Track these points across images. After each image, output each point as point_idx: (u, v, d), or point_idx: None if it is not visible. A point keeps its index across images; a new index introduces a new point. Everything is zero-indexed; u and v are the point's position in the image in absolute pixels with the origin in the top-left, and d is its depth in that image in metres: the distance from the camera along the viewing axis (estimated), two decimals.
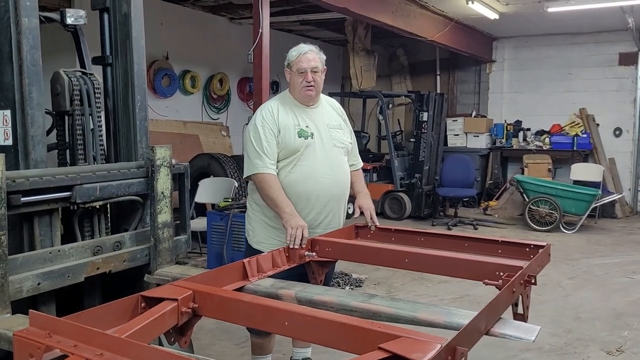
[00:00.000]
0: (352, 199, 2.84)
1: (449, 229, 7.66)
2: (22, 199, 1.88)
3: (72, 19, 2.52)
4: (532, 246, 2.41)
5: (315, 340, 1.63)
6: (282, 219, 2.47)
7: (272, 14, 5.19)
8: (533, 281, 2.01)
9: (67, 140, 2.28)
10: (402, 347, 1.35)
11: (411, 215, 8.38)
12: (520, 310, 2.01)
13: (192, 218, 5.62)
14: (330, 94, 8.89)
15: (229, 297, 1.73)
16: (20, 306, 1.99)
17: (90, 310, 1.64)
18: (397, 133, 9.63)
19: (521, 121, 9.60)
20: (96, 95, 2.27)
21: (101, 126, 2.28)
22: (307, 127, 2.59)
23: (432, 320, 1.76)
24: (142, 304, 1.73)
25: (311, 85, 2.59)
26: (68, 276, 2.01)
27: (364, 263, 2.51)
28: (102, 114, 2.49)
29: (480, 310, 1.60)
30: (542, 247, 2.34)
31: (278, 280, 2.14)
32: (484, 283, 2.02)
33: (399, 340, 1.39)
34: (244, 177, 2.61)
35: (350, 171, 2.83)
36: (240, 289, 2.08)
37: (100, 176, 2.13)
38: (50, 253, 1.99)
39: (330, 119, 2.71)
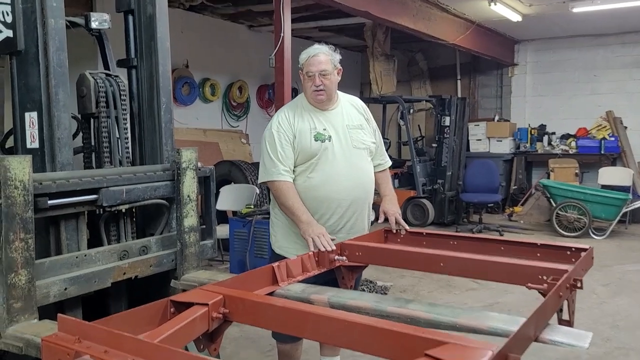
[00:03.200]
0: (376, 205, 2.72)
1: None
2: (49, 201, 1.83)
3: (97, 23, 2.50)
4: (573, 249, 2.30)
5: (354, 347, 1.55)
6: (299, 228, 2.41)
7: (291, 21, 5.15)
8: (579, 285, 1.91)
9: (92, 143, 2.24)
10: (451, 354, 1.26)
11: (434, 221, 8.24)
12: (565, 316, 1.91)
13: None
14: None
15: (261, 302, 1.66)
16: (47, 312, 1.95)
17: (119, 315, 1.58)
18: (418, 138, 9.52)
19: (545, 125, 9.42)
20: (122, 97, 2.23)
21: (127, 129, 2.24)
22: (324, 130, 2.51)
23: (475, 326, 1.67)
24: (172, 309, 1.67)
25: (321, 90, 2.49)
26: (95, 281, 1.96)
27: (396, 267, 2.41)
28: (128, 117, 2.45)
29: (530, 316, 1.51)
30: (585, 250, 2.23)
31: (309, 285, 2.07)
32: (527, 287, 1.93)
33: (446, 347, 1.30)
34: (258, 182, 2.58)
35: (376, 172, 2.74)
36: (270, 294, 2.01)
37: (126, 179, 2.08)
38: (76, 258, 1.95)
39: (350, 120, 2.61)
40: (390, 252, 2.37)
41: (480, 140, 9.43)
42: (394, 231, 2.62)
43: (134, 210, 2.28)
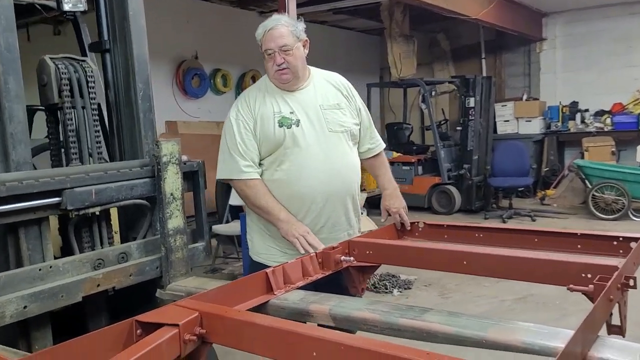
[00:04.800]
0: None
1: (504, 221, 7.12)
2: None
3: (70, 5, 2.23)
4: (620, 239, 1.95)
5: None
6: (279, 230, 2.09)
7: (302, 4, 4.82)
8: (632, 284, 1.57)
9: (60, 138, 1.97)
10: None
11: (461, 208, 7.87)
12: (615, 321, 1.58)
13: (228, 221, 5.33)
14: (369, 85, 8.58)
15: (242, 320, 1.37)
16: (7, 333, 1.71)
17: (76, 341, 1.31)
18: (442, 122, 9.11)
19: (578, 102, 8.90)
20: (90, 84, 1.96)
21: (97, 120, 1.97)
22: (291, 113, 2.10)
23: (507, 342, 1.35)
24: (138, 331, 1.40)
25: (284, 68, 2.09)
26: (62, 296, 1.70)
27: (413, 267, 2.09)
28: (104, 107, 2.19)
29: (576, 330, 1.19)
30: (636, 239, 1.88)
31: (309, 293, 1.77)
32: (568, 289, 1.59)
33: None
34: (217, 178, 2.18)
35: (368, 159, 2.37)
36: (263, 305, 1.72)
37: (95, 178, 1.82)
38: (40, 270, 1.69)
39: (324, 99, 2.19)
40: (405, 249, 2.06)
41: (508, 121, 8.97)
42: (399, 228, 2.31)
43: (111, 213, 2.01)
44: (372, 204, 8.11)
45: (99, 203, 1.83)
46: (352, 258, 2.02)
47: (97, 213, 1.92)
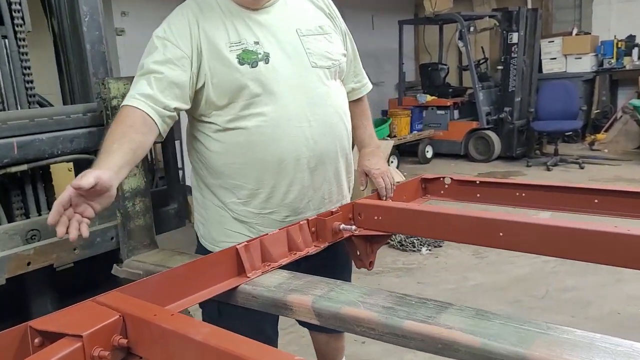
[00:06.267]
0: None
1: (548, 169, 6.53)
2: None
3: None
4: None
5: None
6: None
7: None
8: None
9: None
10: None
11: (500, 155, 7.29)
12: None
13: None
14: (401, 22, 7.88)
15: (168, 329, 0.96)
16: None
17: None
18: (481, 62, 8.36)
19: (635, 36, 8.00)
20: (13, 6, 1.52)
21: (26, 54, 1.54)
22: (256, 43, 1.47)
23: None
24: (36, 340, 1.01)
25: None
26: None
27: (432, 238, 1.64)
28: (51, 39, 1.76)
29: None
30: None
31: (293, 276, 1.35)
32: None
33: None
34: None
35: (350, 102, 1.75)
36: (231, 293, 1.32)
37: (16, 127, 1.41)
38: None
39: (302, 21, 1.58)
40: (423, 216, 1.59)
41: (555, 59, 8.16)
42: (384, 198, 1.78)
43: (50, 172, 1.62)
44: (405, 152, 7.61)
45: (25, 159, 1.43)
46: (353, 227, 1.57)
47: (30, 172, 1.52)
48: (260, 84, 1.46)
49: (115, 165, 1.23)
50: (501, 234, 1.43)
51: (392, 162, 6.80)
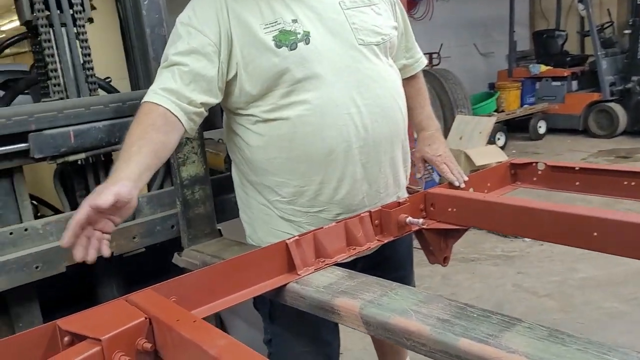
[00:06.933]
0: None
1: None
2: None
3: None
4: None
5: None
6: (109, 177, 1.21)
7: None
8: None
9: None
10: None
11: (626, 130, 6.55)
12: None
13: None
14: None
15: (188, 339, 0.88)
16: None
17: None
18: (606, 25, 7.51)
19: None
20: None
21: (86, 41, 1.53)
22: (293, 21, 1.31)
23: None
24: (65, 338, 0.98)
25: None
26: (37, 267, 1.36)
27: (515, 235, 1.43)
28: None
29: None
30: None
31: (347, 275, 1.23)
32: None
33: None
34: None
35: (403, 80, 1.54)
36: (280, 291, 1.22)
37: (72, 116, 1.41)
38: (11, 234, 1.36)
39: None
40: (505, 209, 1.39)
41: None
42: (458, 185, 1.57)
43: (113, 160, 1.62)
44: (514, 128, 7.09)
45: (83, 148, 1.43)
46: (421, 220, 1.41)
47: (92, 161, 1.53)
48: (301, 68, 1.30)
49: (133, 174, 1.14)
50: (595, 234, 1.20)
51: (498, 139, 6.36)
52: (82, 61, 1.52)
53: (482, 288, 3.11)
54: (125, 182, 1.11)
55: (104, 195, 1.07)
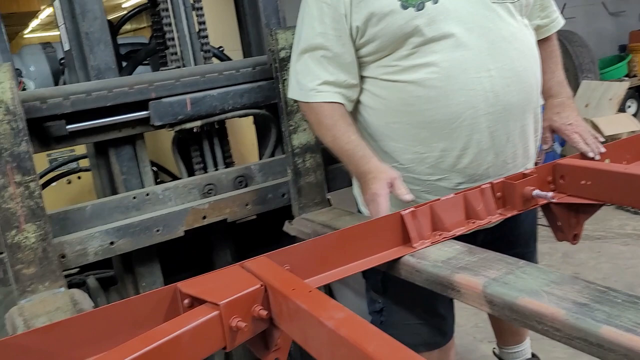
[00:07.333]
0: None
1: None
2: (68, 127, 1.31)
3: None
4: None
5: None
6: (359, 181, 1.32)
7: None
8: None
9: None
10: None
11: None
12: None
13: None
14: None
15: (305, 310, 0.85)
16: (115, 267, 1.52)
17: (110, 307, 0.98)
18: None
19: None
20: None
21: (200, 9, 1.54)
22: None
23: None
24: (185, 301, 1.00)
25: None
26: (157, 230, 1.41)
27: None
28: None
29: None
30: None
31: (467, 250, 1.15)
32: None
33: None
34: (288, 95, 1.42)
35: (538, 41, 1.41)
36: (394, 264, 1.17)
37: (188, 84, 1.43)
38: (134, 198, 1.42)
39: None
40: None
41: None
42: (593, 157, 1.40)
43: (226, 128, 1.64)
44: None
45: (199, 116, 1.46)
46: (550, 194, 1.28)
47: (206, 129, 1.56)
48: (428, 28, 1.22)
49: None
50: None
51: (629, 106, 5.77)
52: (197, 29, 1.53)
53: (610, 269, 2.85)
54: (386, 167, 1.24)
55: (404, 188, 1.21)
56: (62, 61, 1.92)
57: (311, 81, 1.30)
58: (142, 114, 1.40)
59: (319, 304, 0.85)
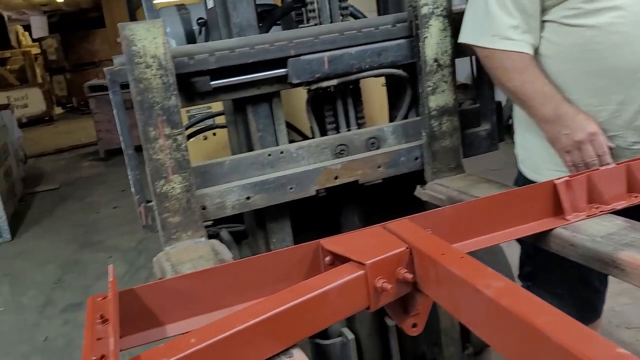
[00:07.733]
0: None
1: None
2: (211, 82, 1.34)
3: None
4: None
5: None
6: (543, 130, 1.27)
7: None
8: None
9: None
10: None
11: None
12: None
13: None
14: None
15: (458, 276, 0.80)
16: (248, 221, 1.57)
17: (254, 259, 1.00)
18: None
19: None
20: None
21: None
22: None
23: None
24: (327, 258, 1.00)
25: None
26: (291, 188, 1.42)
27: None
28: None
29: None
30: None
31: (630, 225, 1.04)
32: None
33: None
34: (460, 40, 1.37)
35: None
36: (544, 236, 1.09)
37: (326, 42, 1.40)
38: (269, 155, 1.44)
39: None
40: None
41: None
42: None
43: (360, 87, 1.60)
44: None
45: (335, 74, 1.43)
46: None
47: (342, 87, 1.53)
48: None
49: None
50: None
51: None
52: None
53: None
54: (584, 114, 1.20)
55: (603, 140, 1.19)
56: (200, 21, 1.97)
57: (496, 27, 1.25)
58: (280, 71, 1.40)
59: (474, 271, 0.80)
